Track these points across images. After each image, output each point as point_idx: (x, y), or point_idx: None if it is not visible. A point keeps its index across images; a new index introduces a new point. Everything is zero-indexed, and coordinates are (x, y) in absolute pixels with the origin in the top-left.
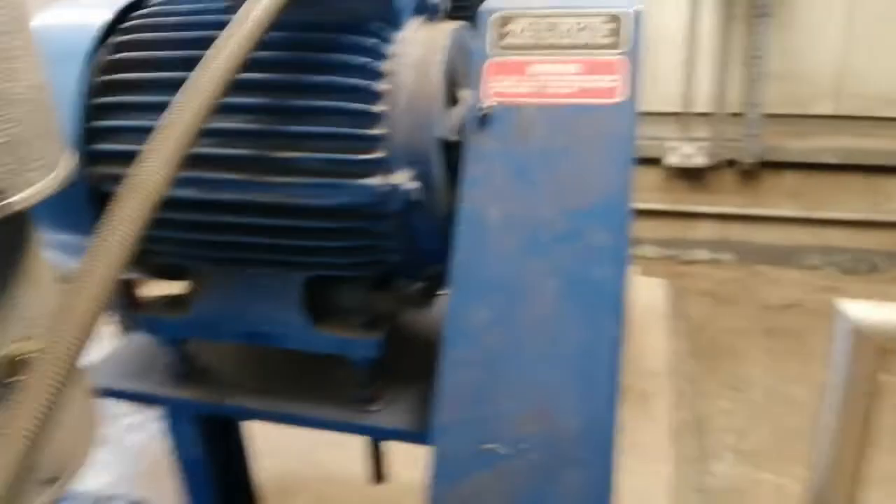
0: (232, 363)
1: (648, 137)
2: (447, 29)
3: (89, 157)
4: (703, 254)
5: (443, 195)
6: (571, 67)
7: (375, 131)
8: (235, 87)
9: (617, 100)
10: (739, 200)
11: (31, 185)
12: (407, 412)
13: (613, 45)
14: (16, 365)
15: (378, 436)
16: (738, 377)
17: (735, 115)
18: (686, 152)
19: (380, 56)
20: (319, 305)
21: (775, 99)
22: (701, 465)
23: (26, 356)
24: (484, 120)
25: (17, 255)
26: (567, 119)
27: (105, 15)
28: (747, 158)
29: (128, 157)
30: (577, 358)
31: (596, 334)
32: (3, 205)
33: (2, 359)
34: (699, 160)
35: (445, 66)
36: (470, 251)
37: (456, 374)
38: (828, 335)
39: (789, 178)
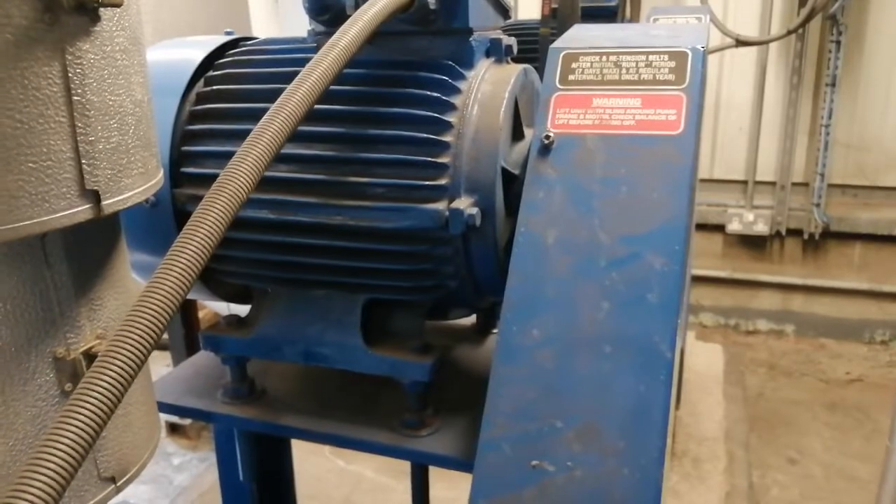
0: (288, 386)
1: (712, 204)
2: (515, 70)
3: (178, 179)
4: (763, 324)
5: (502, 225)
6: (634, 101)
7: (442, 159)
8: (314, 117)
9: (677, 132)
10: (803, 271)
11: (127, 190)
12: (455, 440)
13: (675, 81)
14: (90, 360)
15: (425, 461)
16: (796, 449)
17: (800, 184)
18: (749, 220)
19: (450, 91)
20: (375, 329)
21: (841, 169)
22: None
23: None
24: (547, 148)
25: (107, 257)
26: (627, 149)
27: (203, 52)
28: (811, 228)
29: (213, 180)
30: (628, 379)
31: (648, 356)
32: (102, 206)
33: (83, 352)
34: (761, 228)
35: (511, 102)
36: (525, 272)
37: (505, 390)
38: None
39: (855, 250)
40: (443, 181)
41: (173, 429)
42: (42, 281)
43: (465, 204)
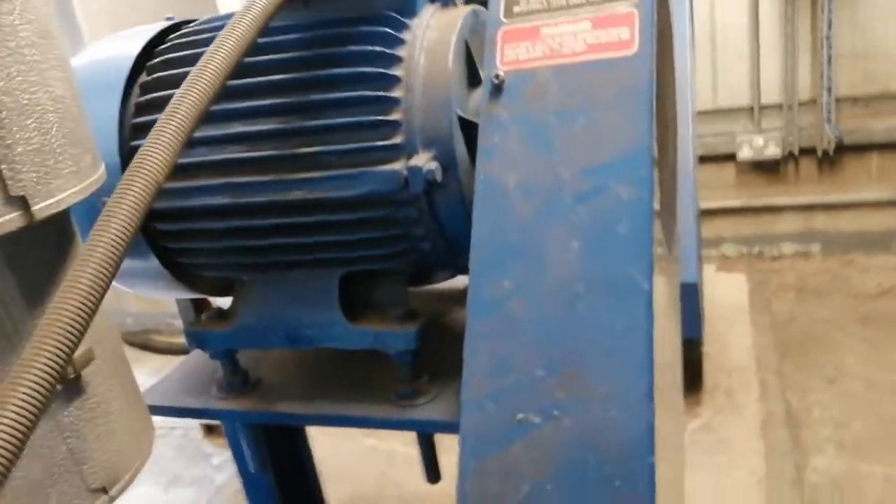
0: (283, 373)
1: (719, 134)
2: (462, 11)
3: None
4: (788, 247)
5: (467, 177)
6: (584, 25)
7: (393, 116)
8: (255, 90)
9: (631, 51)
10: (821, 189)
11: (59, 192)
12: (453, 405)
13: None
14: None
15: (424, 429)
16: (833, 368)
17: (808, 102)
18: (759, 145)
19: (393, 43)
20: (357, 304)
21: (849, 81)
22: (800, 459)
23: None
24: (498, 88)
25: (60, 261)
26: (580, 76)
27: (142, 42)
28: (825, 144)
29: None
30: (606, 316)
31: (624, 289)
32: (33, 211)
33: None
34: (773, 151)
35: (461, 46)
36: (488, 222)
37: (481, 346)
38: None
39: (872, 161)
40: (397, 139)
41: (209, 430)
42: None
43: (423, 160)
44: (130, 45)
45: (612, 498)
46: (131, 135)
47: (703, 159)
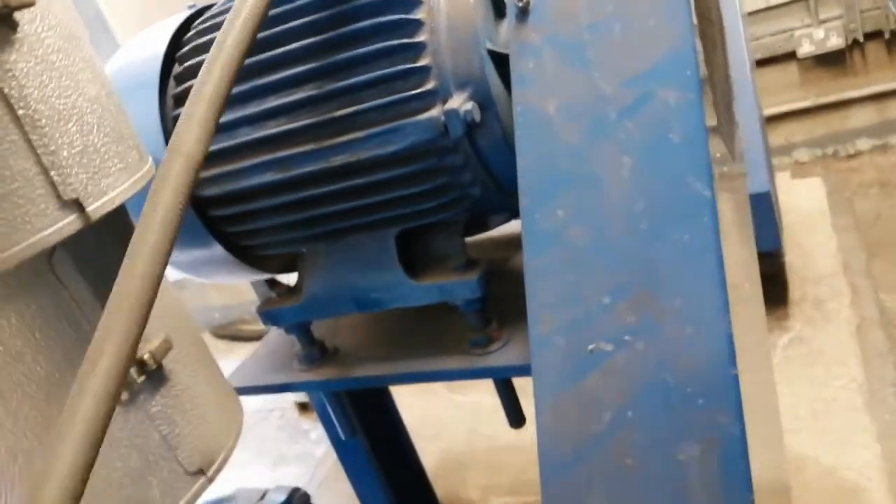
0: (358, 338)
1: (776, 32)
2: None
3: None
4: (864, 143)
5: (507, 112)
6: None
7: (421, 62)
8: (284, 61)
9: None
10: (893, 74)
11: (110, 190)
12: (525, 347)
13: None
14: (141, 364)
15: (500, 375)
16: None
17: None
18: (819, 37)
19: None
20: (418, 260)
21: None
22: None
23: (144, 357)
24: (524, 12)
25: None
26: None
27: (168, 34)
28: (891, 25)
29: (215, 157)
30: (670, 231)
31: (685, 201)
32: (88, 212)
33: None
34: (836, 42)
35: None
36: (533, 152)
37: (542, 282)
38: None
39: None
40: (429, 85)
41: (303, 408)
42: (62, 303)
43: (458, 102)
44: (158, 39)
45: (697, 417)
46: (175, 126)
47: (763, 62)
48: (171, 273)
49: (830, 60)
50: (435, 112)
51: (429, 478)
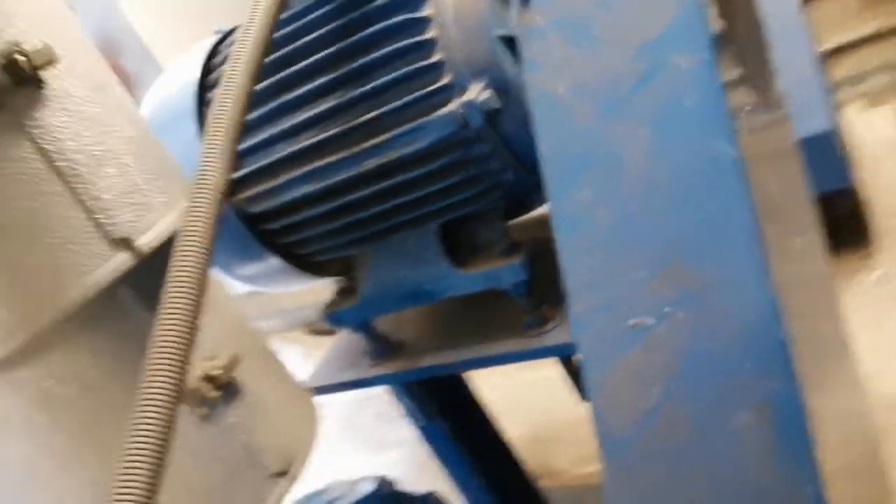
0: (421, 330)
1: None
2: None
3: (230, 189)
4: None
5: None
6: None
7: (434, 58)
8: (305, 74)
9: None
10: None
11: (156, 224)
12: None
13: None
14: (213, 380)
15: (558, 353)
16: None
17: None
18: None
19: None
20: (463, 250)
21: None
22: None
23: (214, 373)
24: None
25: None
26: None
27: (199, 62)
28: None
29: (256, 175)
30: (698, 197)
31: (708, 164)
32: (137, 248)
33: (201, 378)
34: None
35: None
36: (551, 136)
37: (576, 263)
38: None
39: None
40: (445, 80)
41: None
42: (131, 335)
43: (474, 93)
44: (190, 68)
45: (747, 383)
46: None
47: None
48: (239, 287)
49: None
50: (453, 105)
51: (515, 453)
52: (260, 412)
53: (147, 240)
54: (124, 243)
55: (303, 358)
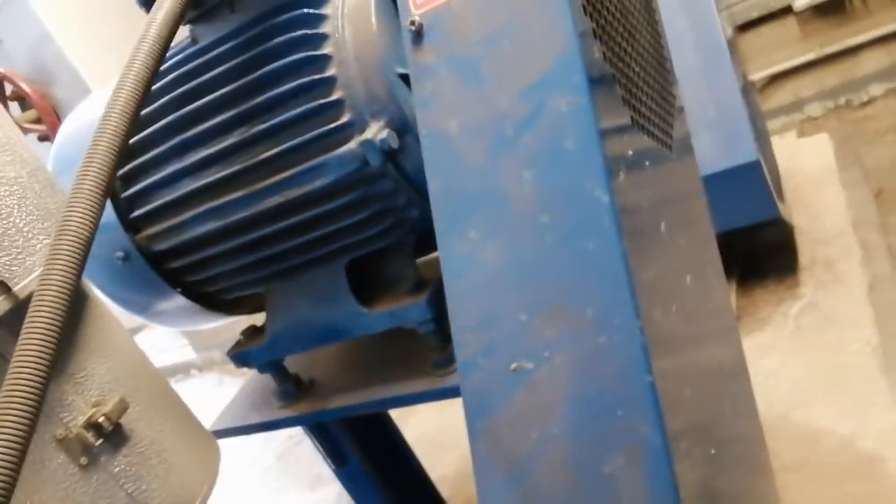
0: (332, 369)
1: None
2: None
3: (134, 226)
4: (877, 88)
5: None
6: None
7: (334, 96)
8: (207, 110)
9: None
10: None
11: (36, 268)
12: None
13: None
14: (97, 427)
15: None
16: None
17: None
18: None
19: (315, 22)
20: (373, 287)
21: None
22: None
23: (103, 418)
24: (419, 34)
25: (77, 328)
26: None
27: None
28: None
29: (161, 212)
30: (573, 239)
31: (583, 208)
32: (15, 292)
33: (84, 425)
34: None
35: (382, 3)
36: (440, 175)
37: (462, 304)
38: None
39: None
40: (344, 118)
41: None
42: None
43: (374, 131)
44: (102, 102)
45: (616, 428)
46: (121, 187)
47: (759, 21)
48: (148, 324)
49: (829, 9)
50: (353, 144)
51: (438, 490)
52: (150, 460)
53: (25, 283)
54: (0, 287)
55: None
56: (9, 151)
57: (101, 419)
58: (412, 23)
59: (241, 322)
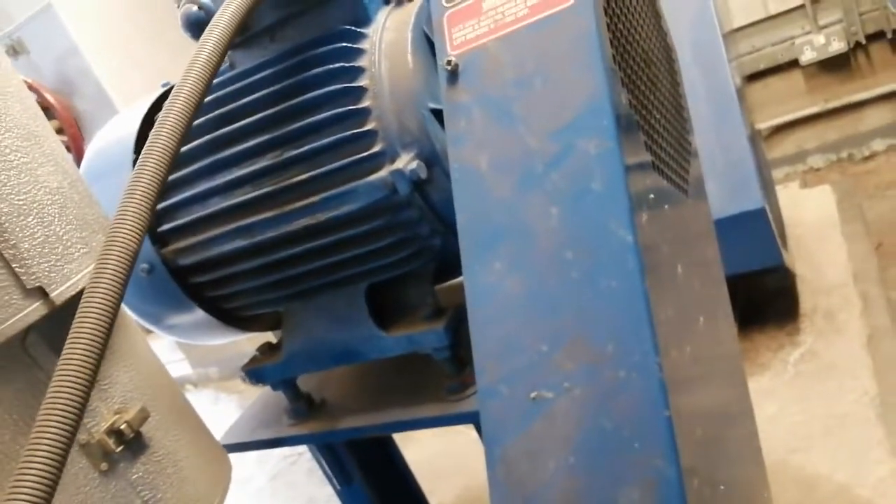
0: (344, 390)
1: (776, 42)
2: (415, 5)
3: (161, 240)
4: (879, 143)
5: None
6: None
7: (368, 127)
8: (242, 133)
9: (570, 1)
10: None
11: (74, 275)
12: None
13: None
14: (118, 434)
15: (475, 420)
16: None
17: None
18: (821, 43)
19: (352, 55)
20: (391, 311)
21: None
22: None
23: (125, 425)
24: (454, 74)
25: None
26: (530, 40)
27: (140, 115)
28: (893, 24)
29: (189, 227)
30: (596, 276)
31: (609, 247)
32: (52, 298)
33: (106, 431)
34: (838, 46)
35: (419, 40)
36: (469, 208)
37: (485, 333)
38: None
39: None
40: (376, 147)
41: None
42: (39, 383)
43: (404, 162)
44: (131, 120)
45: (634, 461)
46: None
47: (766, 73)
48: (168, 337)
49: (835, 65)
50: (384, 173)
51: None
52: (166, 469)
53: (62, 290)
54: (38, 293)
55: (238, 408)
56: (52, 162)
57: (122, 426)
58: (448, 62)
59: (240, 340)
